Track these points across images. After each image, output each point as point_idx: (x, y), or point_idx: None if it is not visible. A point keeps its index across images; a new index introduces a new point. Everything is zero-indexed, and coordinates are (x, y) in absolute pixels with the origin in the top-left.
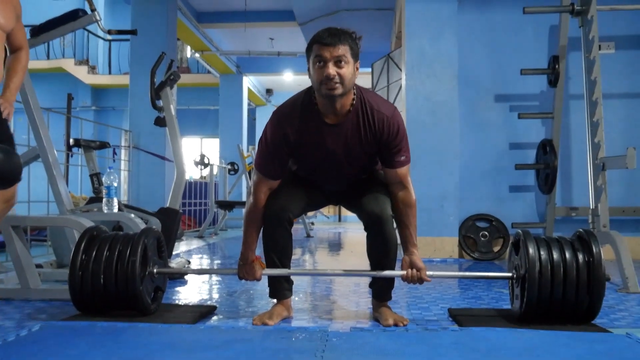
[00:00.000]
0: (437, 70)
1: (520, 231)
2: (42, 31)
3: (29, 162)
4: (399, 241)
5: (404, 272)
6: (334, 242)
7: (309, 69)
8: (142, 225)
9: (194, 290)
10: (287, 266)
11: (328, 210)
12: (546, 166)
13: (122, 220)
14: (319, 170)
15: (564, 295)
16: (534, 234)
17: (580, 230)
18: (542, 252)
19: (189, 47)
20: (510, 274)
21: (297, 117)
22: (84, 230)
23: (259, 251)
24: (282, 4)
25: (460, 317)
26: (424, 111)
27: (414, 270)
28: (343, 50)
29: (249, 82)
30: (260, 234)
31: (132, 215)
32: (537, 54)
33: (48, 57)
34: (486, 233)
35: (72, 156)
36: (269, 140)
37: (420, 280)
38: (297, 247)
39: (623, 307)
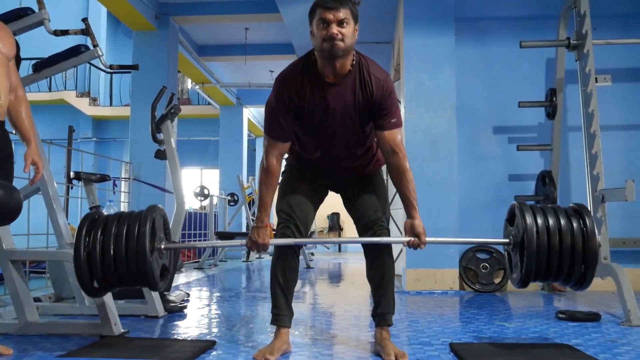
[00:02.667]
0: (435, 103)
1: (515, 202)
2: (44, 66)
3: (29, 196)
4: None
5: (407, 239)
6: (334, 273)
7: (311, 32)
8: None
9: (192, 324)
10: (292, 290)
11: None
12: (546, 197)
13: None
14: (322, 136)
15: (560, 257)
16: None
17: (573, 204)
18: (538, 218)
19: (189, 79)
20: (507, 240)
21: (298, 78)
22: (86, 214)
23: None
24: (282, 38)
25: (462, 352)
26: (423, 143)
27: (415, 239)
28: (344, 13)
29: (249, 113)
30: (271, 263)
31: None
32: (535, 87)
33: (50, 89)
34: (487, 265)
35: (72, 188)
36: (273, 103)
37: (421, 245)
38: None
39: (626, 341)
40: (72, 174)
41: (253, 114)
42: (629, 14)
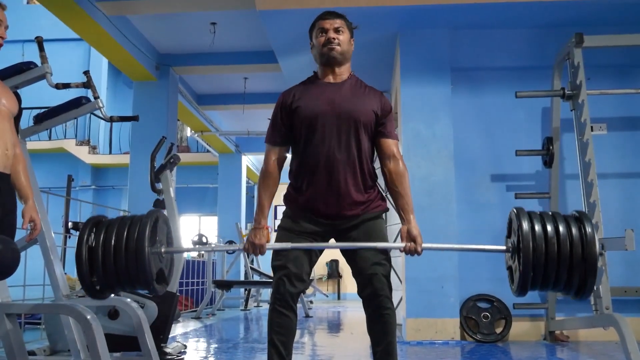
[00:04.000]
0: (433, 151)
1: (513, 209)
2: (45, 118)
3: (27, 247)
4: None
5: (403, 245)
6: (334, 322)
7: (312, 45)
8: (139, 310)
9: None
10: (290, 346)
11: (327, 289)
12: None
13: (118, 305)
14: (321, 138)
15: (558, 261)
16: None
17: (575, 211)
18: (535, 223)
19: (189, 127)
20: (504, 247)
21: (300, 85)
22: (89, 218)
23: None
24: (280, 87)
25: None
26: (421, 192)
27: (412, 244)
28: (340, 22)
29: (247, 160)
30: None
31: (128, 300)
32: (531, 135)
33: (50, 138)
34: (488, 314)
35: (70, 238)
36: (274, 111)
37: (417, 252)
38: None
39: None
40: (70, 224)
41: (252, 162)
42: (622, 64)
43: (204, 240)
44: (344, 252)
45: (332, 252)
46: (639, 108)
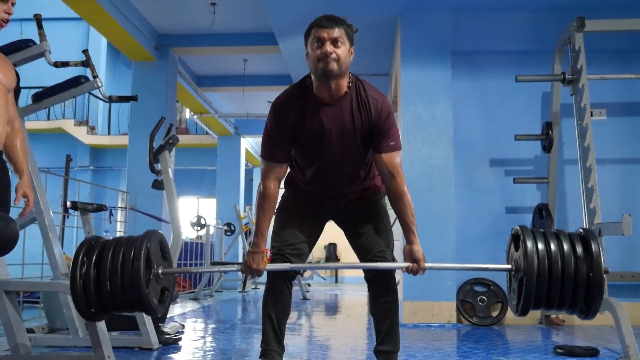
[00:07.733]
0: (432, 135)
1: (518, 227)
2: (44, 96)
3: (26, 226)
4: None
5: (406, 265)
6: (331, 304)
7: (307, 54)
8: None
9: (187, 357)
10: (284, 325)
11: (325, 272)
12: None
13: None
14: (320, 157)
15: (562, 294)
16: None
17: (581, 229)
18: (539, 244)
19: (188, 109)
20: (509, 266)
21: (294, 101)
22: (83, 240)
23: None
24: (280, 69)
25: None
26: (419, 175)
27: (414, 264)
28: (339, 32)
29: (246, 143)
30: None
31: None
32: (531, 120)
33: (48, 118)
34: (484, 297)
35: (68, 217)
36: (269, 127)
37: (420, 271)
38: (293, 310)
39: None
40: (68, 203)
41: (251, 144)
42: (623, 49)
43: (202, 222)
44: (347, 235)
45: (329, 235)
46: (638, 94)
